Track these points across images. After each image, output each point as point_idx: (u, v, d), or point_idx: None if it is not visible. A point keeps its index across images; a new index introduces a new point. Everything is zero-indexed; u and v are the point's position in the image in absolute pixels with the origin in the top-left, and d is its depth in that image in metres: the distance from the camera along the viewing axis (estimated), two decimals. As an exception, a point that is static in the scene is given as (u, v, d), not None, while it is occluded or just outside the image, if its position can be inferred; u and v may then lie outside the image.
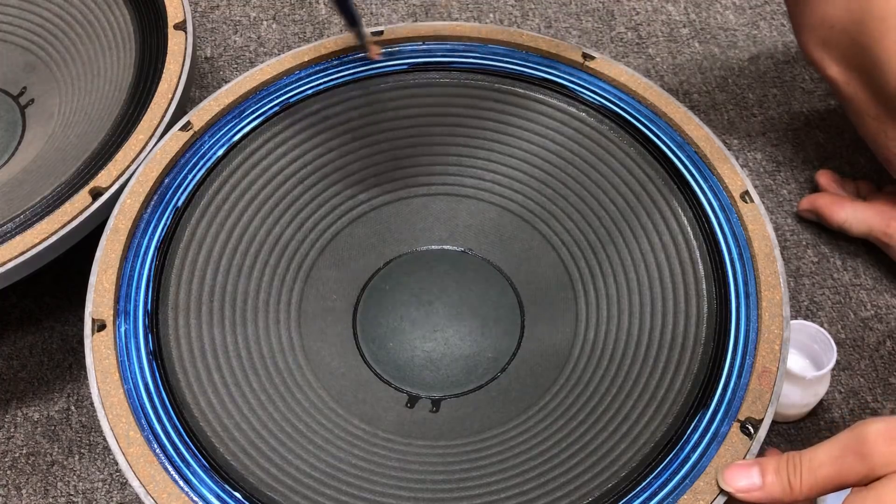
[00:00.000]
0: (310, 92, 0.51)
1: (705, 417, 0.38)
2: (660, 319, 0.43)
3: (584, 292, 0.47)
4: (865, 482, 0.33)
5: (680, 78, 0.67)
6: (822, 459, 0.33)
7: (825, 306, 0.55)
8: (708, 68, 0.68)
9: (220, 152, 0.48)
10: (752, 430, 0.37)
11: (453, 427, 0.43)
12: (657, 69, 0.68)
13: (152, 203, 0.46)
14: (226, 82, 0.51)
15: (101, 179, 0.47)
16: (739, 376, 0.39)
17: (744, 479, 0.35)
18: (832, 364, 0.47)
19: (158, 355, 0.41)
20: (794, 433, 0.50)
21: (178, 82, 0.51)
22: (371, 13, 0.72)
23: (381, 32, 0.53)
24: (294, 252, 0.49)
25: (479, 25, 0.53)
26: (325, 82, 0.51)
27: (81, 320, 0.48)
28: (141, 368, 0.40)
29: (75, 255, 0.48)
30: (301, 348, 0.45)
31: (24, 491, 0.49)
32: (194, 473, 0.38)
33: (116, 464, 0.50)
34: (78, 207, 0.46)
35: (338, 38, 0.53)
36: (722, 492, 0.36)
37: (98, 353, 0.40)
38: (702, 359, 0.41)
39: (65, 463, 0.50)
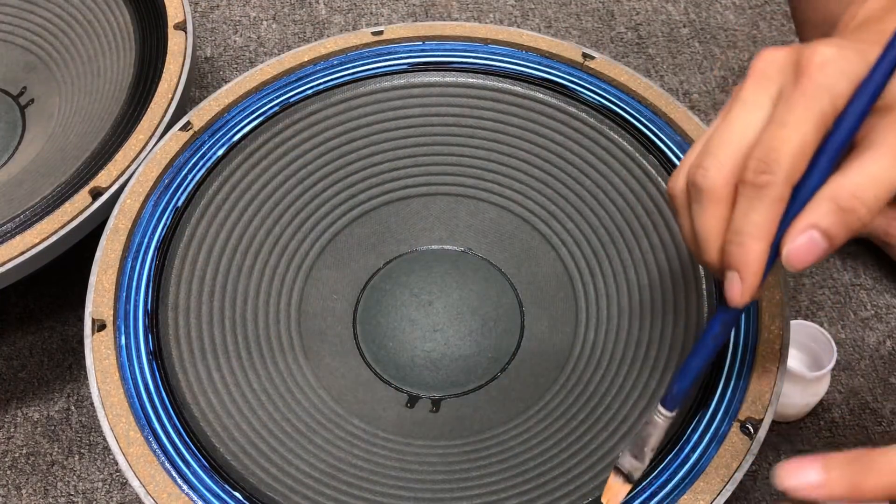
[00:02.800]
0: (310, 92, 0.51)
1: (705, 417, 0.38)
2: (660, 319, 0.43)
3: (584, 292, 0.47)
4: None
5: (680, 78, 0.67)
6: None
7: (825, 306, 0.55)
8: (708, 68, 0.68)
9: (220, 152, 0.48)
10: (752, 430, 0.37)
11: (453, 427, 0.43)
12: (657, 69, 0.68)
13: (152, 203, 0.46)
14: (226, 82, 0.51)
15: (101, 179, 0.47)
16: (739, 376, 0.39)
17: (803, 475, 0.29)
18: (832, 364, 0.47)
19: (158, 355, 0.41)
20: (794, 433, 0.50)
21: (178, 82, 0.51)
22: (371, 13, 0.72)
23: (382, 32, 0.53)
24: (294, 252, 0.49)
25: (479, 25, 0.53)
26: (324, 82, 0.51)
27: (81, 320, 0.48)
28: (141, 368, 0.40)
29: (75, 255, 0.48)
30: (301, 348, 0.45)
31: (24, 491, 0.49)
32: (194, 473, 0.38)
33: (116, 464, 0.50)
34: (78, 207, 0.46)
35: (338, 37, 0.53)
36: (776, 492, 0.34)
37: (98, 353, 0.40)
38: (702, 359, 0.41)
39: (65, 463, 0.50)
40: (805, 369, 0.49)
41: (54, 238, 0.46)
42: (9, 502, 0.49)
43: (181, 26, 0.54)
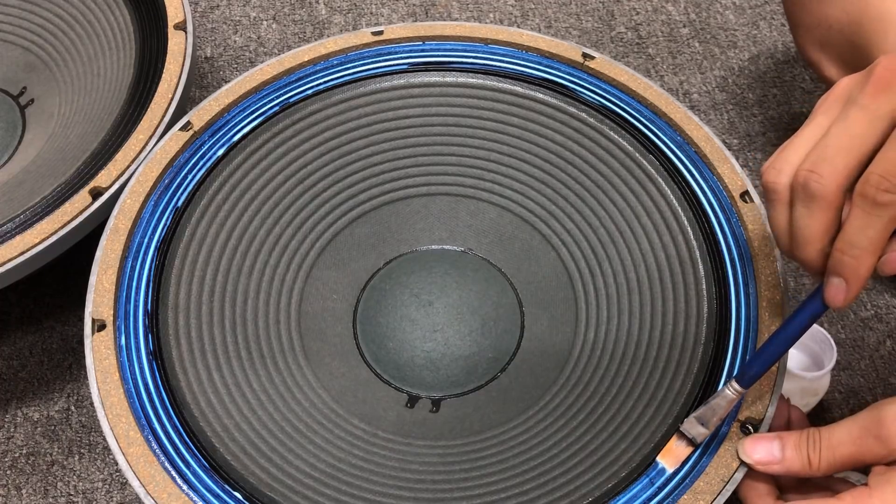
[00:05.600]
0: (310, 92, 0.51)
1: (705, 417, 0.38)
2: (660, 319, 0.43)
3: (584, 292, 0.47)
4: (885, 462, 0.33)
5: (680, 78, 0.67)
6: (841, 438, 0.34)
7: (825, 306, 0.55)
8: (708, 68, 0.68)
9: (220, 152, 0.48)
10: (752, 431, 0.37)
11: (453, 427, 0.43)
12: (657, 69, 0.68)
13: (152, 203, 0.46)
14: (226, 82, 0.51)
15: (101, 179, 0.47)
16: (739, 376, 0.39)
17: (764, 451, 0.35)
18: (832, 364, 0.47)
19: (158, 355, 0.41)
20: (794, 433, 0.50)
21: (178, 82, 0.51)
22: (371, 13, 0.72)
23: (382, 32, 0.53)
24: (294, 252, 0.49)
25: (479, 25, 0.53)
26: (325, 82, 0.51)
27: (81, 320, 0.48)
28: (141, 368, 0.40)
29: (75, 255, 0.48)
30: (301, 348, 0.45)
31: (24, 491, 0.49)
32: (194, 473, 0.38)
33: (116, 464, 0.50)
34: (78, 207, 0.46)
35: (338, 37, 0.53)
36: (742, 463, 0.36)
37: (98, 353, 0.40)
38: (702, 359, 0.41)
39: (65, 463, 0.50)
40: (805, 369, 0.49)
41: (54, 238, 0.46)
42: (9, 502, 0.49)
43: (181, 26, 0.54)
